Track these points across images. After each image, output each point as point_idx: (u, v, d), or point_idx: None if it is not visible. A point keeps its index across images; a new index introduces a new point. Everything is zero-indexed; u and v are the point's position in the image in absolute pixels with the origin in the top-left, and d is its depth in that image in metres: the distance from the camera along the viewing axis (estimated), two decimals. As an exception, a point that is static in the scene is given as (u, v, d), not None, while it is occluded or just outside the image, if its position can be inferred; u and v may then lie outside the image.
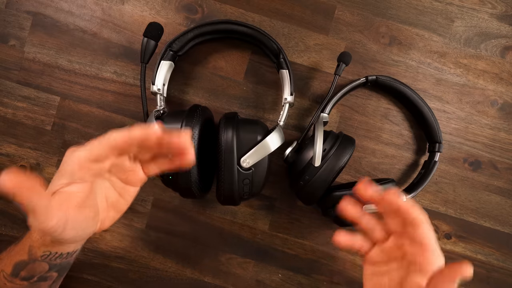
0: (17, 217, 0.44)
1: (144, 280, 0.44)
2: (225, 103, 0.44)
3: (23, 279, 0.31)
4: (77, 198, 0.26)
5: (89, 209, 0.28)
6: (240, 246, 0.44)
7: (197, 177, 0.35)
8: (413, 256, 0.31)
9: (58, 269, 0.32)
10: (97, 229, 0.30)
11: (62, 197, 0.26)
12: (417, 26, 0.44)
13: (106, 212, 0.30)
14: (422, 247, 0.30)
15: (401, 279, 0.31)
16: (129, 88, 0.43)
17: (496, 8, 0.44)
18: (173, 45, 0.39)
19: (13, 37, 0.43)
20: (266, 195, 0.44)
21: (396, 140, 0.44)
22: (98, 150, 0.26)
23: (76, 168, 0.26)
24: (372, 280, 0.33)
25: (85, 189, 0.27)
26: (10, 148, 0.44)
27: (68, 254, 0.31)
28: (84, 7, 0.43)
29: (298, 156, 0.38)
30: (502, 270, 0.45)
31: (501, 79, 0.44)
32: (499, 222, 0.45)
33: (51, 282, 0.33)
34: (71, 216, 0.26)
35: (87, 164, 0.26)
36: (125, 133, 0.25)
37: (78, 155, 0.26)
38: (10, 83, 0.43)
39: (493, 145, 0.44)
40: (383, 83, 0.42)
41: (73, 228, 0.26)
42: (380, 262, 0.33)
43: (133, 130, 0.25)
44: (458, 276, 0.25)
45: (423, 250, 0.30)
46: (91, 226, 0.29)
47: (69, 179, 0.26)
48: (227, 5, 0.43)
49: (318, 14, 0.44)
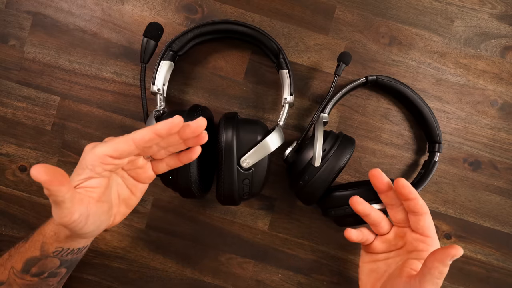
0: (17, 217, 0.44)
1: (144, 280, 0.44)
2: (225, 103, 0.44)
3: (33, 275, 0.31)
4: (96, 192, 0.27)
5: (106, 204, 0.29)
6: (240, 246, 0.44)
7: (197, 177, 0.35)
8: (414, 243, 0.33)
9: (67, 265, 0.33)
10: (111, 224, 0.31)
11: (83, 192, 0.26)
12: (417, 26, 0.44)
13: (117, 207, 0.31)
14: (424, 234, 0.33)
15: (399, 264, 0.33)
16: (129, 88, 0.43)
17: (496, 8, 0.44)
18: (173, 45, 0.39)
19: (13, 37, 0.43)
20: (266, 195, 0.44)
21: (396, 140, 0.44)
22: (122, 146, 0.26)
23: (96, 163, 0.26)
24: (370, 265, 0.36)
25: (103, 184, 0.28)
26: (10, 148, 0.44)
27: (79, 249, 0.32)
28: (84, 7, 0.43)
29: (298, 156, 0.38)
30: (502, 270, 0.45)
31: (501, 79, 0.44)
32: (499, 222, 0.45)
33: (59, 278, 0.33)
34: (92, 210, 0.26)
35: (108, 159, 0.26)
36: (150, 130, 0.26)
37: (100, 151, 0.26)
38: (10, 83, 0.43)
39: (493, 145, 0.44)
40: (383, 83, 0.42)
41: (94, 222, 0.27)
42: (380, 251, 0.36)
43: (158, 126, 0.26)
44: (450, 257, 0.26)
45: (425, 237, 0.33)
46: (107, 220, 0.29)
47: (89, 174, 0.27)
48: (227, 5, 0.43)
49: (318, 14, 0.44)
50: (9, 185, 0.44)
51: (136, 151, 0.27)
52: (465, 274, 0.45)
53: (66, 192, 0.23)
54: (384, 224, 0.35)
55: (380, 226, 0.35)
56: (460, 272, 0.45)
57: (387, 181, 0.34)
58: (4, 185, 0.44)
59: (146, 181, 0.32)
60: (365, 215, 0.35)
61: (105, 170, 0.27)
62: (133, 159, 0.30)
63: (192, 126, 0.27)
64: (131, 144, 0.26)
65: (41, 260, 0.31)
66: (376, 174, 0.33)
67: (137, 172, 0.31)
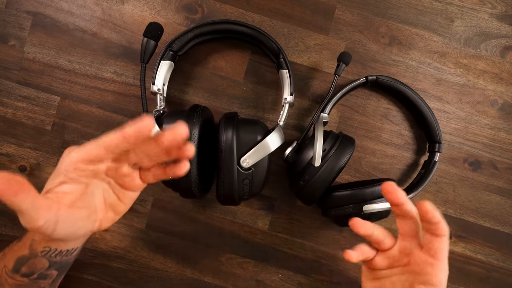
0: (17, 217, 0.44)
1: (144, 280, 0.44)
2: (225, 103, 0.44)
3: (23, 275, 0.31)
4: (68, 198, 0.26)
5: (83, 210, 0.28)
6: (240, 246, 0.44)
7: (197, 177, 0.35)
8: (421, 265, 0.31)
9: (57, 267, 0.32)
10: (96, 229, 0.30)
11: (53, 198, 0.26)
12: (417, 26, 0.44)
13: (104, 212, 0.30)
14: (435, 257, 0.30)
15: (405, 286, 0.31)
16: (129, 88, 0.43)
17: (496, 8, 0.44)
18: (173, 45, 0.39)
19: (13, 37, 0.43)
20: (266, 195, 0.44)
21: (396, 140, 0.44)
22: (92, 151, 0.25)
23: (70, 169, 0.26)
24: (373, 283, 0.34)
25: (77, 190, 0.27)
26: (10, 148, 0.44)
27: (67, 251, 0.31)
28: (84, 7, 0.43)
29: (298, 156, 0.38)
30: (502, 270, 0.45)
31: (501, 79, 0.44)
32: (499, 222, 0.45)
33: (51, 281, 0.33)
34: (62, 216, 0.25)
35: (81, 165, 0.26)
36: (118, 132, 0.24)
37: (74, 156, 0.26)
38: (10, 83, 0.43)
39: (493, 145, 0.44)
40: (383, 83, 0.42)
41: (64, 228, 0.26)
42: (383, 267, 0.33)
43: (125, 128, 0.24)
44: None
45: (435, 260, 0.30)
46: (86, 226, 0.28)
47: (62, 178, 0.26)
48: (227, 5, 0.43)
49: (318, 14, 0.44)
50: (9, 185, 0.44)
51: (108, 156, 0.26)
52: (465, 274, 0.45)
53: (22, 201, 0.22)
54: (388, 240, 0.33)
55: (383, 243, 0.33)
56: (460, 272, 0.45)
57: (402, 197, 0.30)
58: (4, 185, 0.44)
59: (135, 189, 0.31)
60: (368, 236, 0.33)
61: (80, 176, 0.26)
62: (116, 167, 0.28)
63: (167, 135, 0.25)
64: (101, 149, 0.25)
65: (30, 259, 0.30)
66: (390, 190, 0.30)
67: (123, 180, 0.30)
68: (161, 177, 0.30)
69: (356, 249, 0.33)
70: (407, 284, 0.31)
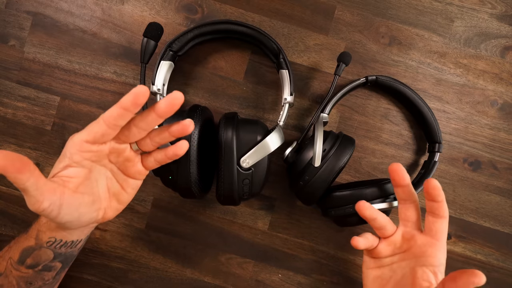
0: (17, 217, 0.44)
1: (144, 280, 0.44)
2: (225, 103, 0.44)
3: (28, 267, 0.31)
4: (73, 182, 0.27)
5: (87, 196, 0.28)
6: (240, 246, 0.44)
7: (197, 177, 0.35)
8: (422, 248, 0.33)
9: (62, 259, 0.32)
10: (100, 218, 0.30)
11: (58, 181, 0.26)
12: (417, 26, 0.44)
13: (108, 201, 0.31)
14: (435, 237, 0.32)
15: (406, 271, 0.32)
16: (129, 88, 0.43)
17: (496, 8, 0.44)
18: (173, 45, 0.39)
19: (13, 37, 0.43)
20: (266, 195, 0.44)
21: (396, 140, 0.44)
22: (94, 128, 0.26)
23: (74, 151, 0.26)
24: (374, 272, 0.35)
25: (81, 174, 0.27)
26: (10, 148, 0.44)
27: (72, 243, 0.32)
28: (84, 7, 0.43)
29: (298, 156, 0.38)
30: (502, 270, 0.45)
31: (501, 79, 0.44)
32: (499, 222, 0.45)
33: (55, 273, 0.33)
34: (66, 200, 0.26)
35: (85, 146, 0.26)
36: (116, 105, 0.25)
37: (77, 137, 0.26)
38: (10, 83, 0.43)
39: (493, 145, 0.44)
40: (383, 83, 0.42)
41: (69, 212, 0.27)
42: (385, 255, 0.35)
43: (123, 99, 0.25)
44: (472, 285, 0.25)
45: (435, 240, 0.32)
46: (89, 213, 0.29)
47: (67, 162, 0.27)
48: (227, 5, 0.43)
49: (318, 14, 0.44)
50: (9, 185, 0.44)
51: (110, 131, 0.26)
52: (465, 274, 0.45)
53: (26, 180, 0.22)
54: (390, 227, 0.35)
55: (386, 229, 0.35)
56: (460, 272, 0.45)
57: (407, 177, 0.33)
58: (4, 185, 0.44)
59: (137, 176, 0.31)
60: (372, 220, 0.35)
61: (84, 159, 0.27)
62: (118, 149, 0.29)
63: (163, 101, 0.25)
64: (102, 125, 0.25)
65: (36, 250, 0.31)
66: (397, 168, 0.33)
67: (126, 165, 0.30)
68: (162, 161, 0.31)
69: (362, 237, 0.35)
70: (408, 269, 0.33)
